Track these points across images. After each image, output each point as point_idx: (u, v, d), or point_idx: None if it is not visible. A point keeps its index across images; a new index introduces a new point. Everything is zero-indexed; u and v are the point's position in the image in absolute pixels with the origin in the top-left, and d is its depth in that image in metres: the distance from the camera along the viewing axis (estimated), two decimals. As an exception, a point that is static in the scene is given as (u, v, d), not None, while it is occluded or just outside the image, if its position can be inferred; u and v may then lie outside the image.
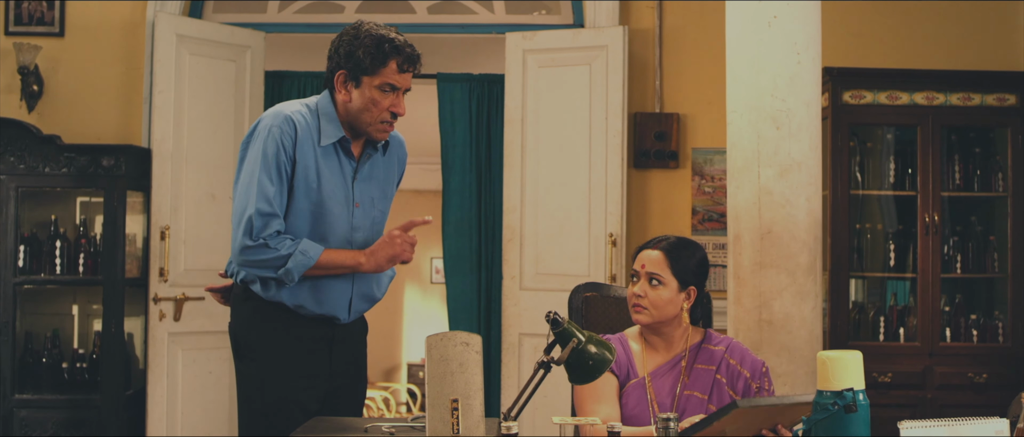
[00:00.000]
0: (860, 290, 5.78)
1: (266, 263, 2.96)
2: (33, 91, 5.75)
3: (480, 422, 2.27)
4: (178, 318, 5.62)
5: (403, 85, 3.06)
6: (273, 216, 2.96)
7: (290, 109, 3.05)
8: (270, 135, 2.99)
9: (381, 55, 3.01)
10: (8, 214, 5.43)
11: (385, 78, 3.02)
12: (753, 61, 4.38)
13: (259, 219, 2.94)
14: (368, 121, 3.06)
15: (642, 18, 5.93)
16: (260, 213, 2.94)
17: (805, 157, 4.37)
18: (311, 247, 2.98)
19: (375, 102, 3.03)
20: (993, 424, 2.20)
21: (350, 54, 3.03)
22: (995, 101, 5.56)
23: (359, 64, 3.02)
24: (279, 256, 2.95)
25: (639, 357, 3.03)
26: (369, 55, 3.00)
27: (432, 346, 2.29)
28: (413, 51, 3.06)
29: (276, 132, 2.99)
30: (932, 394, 5.43)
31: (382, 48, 3.01)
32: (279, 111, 3.05)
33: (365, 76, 3.02)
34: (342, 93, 3.06)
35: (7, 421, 5.39)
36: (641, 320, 3.00)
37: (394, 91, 3.04)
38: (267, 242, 2.94)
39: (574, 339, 2.63)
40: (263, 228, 2.94)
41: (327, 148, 3.05)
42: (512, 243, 5.82)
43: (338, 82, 3.06)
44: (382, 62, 3.01)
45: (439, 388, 2.28)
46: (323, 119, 3.06)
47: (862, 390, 2.30)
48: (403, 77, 3.05)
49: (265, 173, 2.96)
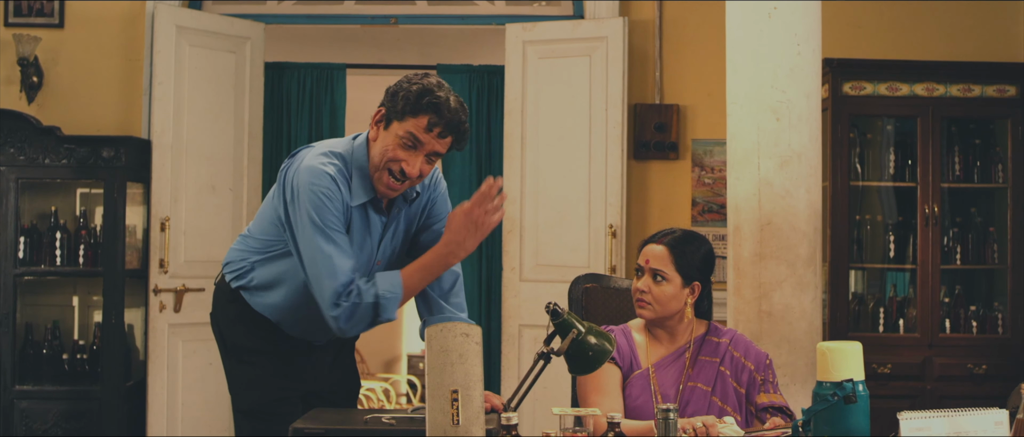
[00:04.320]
0: (860, 281, 5.78)
1: (362, 320, 2.81)
2: (33, 82, 5.75)
3: (480, 413, 2.28)
4: (178, 309, 5.62)
5: (428, 146, 2.80)
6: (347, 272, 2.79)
7: (330, 166, 2.83)
8: (316, 197, 2.78)
9: (416, 105, 2.78)
10: (8, 205, 5.43)
11: (409, 128, 2.78)
12: (753, 52, 4.37)
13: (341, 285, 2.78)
14: (374, 168, 2.84)
15: (642, 9, 5.92)
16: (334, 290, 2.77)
17: (805, 148, 4.37)
18: (389, 281, 2.81)
19: (388, 150, 2.80)
20: (992, 415, 2.21)
21: (394, 95, 2.82)
22: (995, 92, 5.55)
23: (395, 106, 2.81)
24: (366, 306, 2.78)
25: (643, 349, 3.03)
26: (407, 101, 2.78)
27: (432, 337, 2.29)
28: (455, 119, 2.79)
29: (331, 191, 2.79)
30: (932, 385, 5.44)
31: (421, 99, 2.78)
32: (317, 168, 2.81)
33: (395, 120, 2.81)
34: (372, 130, 2.87)
35: (8, 412, 5.40)
36: (645, 315, 3.00)
37: (415, 148, 2.80)
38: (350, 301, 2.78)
39: (574, 330, 2.63)
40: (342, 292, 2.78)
41: (357, 207, 2.88)
42: (512, 234, 5.82)
43: (374, 119, 2.87)
44: (414, 112, 2.78)
45: (439, 379, 2.28)
46: (356, 175, 2.86)
47: (862, 381, 2.31)
48: (430, 137, 2.79)
49: (325, 240, 2.78)
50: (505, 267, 5.85)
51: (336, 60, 6.63)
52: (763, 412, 2.98)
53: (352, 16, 6.14)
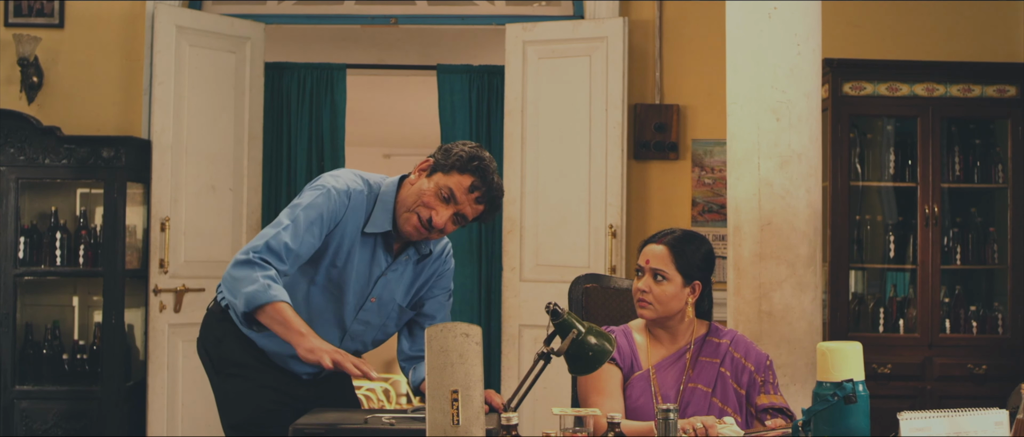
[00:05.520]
0: (860, 281, 5.78)
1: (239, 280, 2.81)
2: (33, 82, 5.75)
3: (480, 413, 2.28)
4: (178, 309, 5.62)
5: (462, 205, 2.91)
6: (278, 259, 2.84)
7: (354, 183, 2.96)
8: (327, 194, 2.91)
9: (466, 165, 2.90)
10: (8, 205, 5.43)
11: (452, 183, 2.89)
12: (753, 52, 4.37)
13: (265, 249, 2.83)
14: (404, 209, 2.94)
15: (642, 9, 5.92)
16: (269, 247, 2.83)
17: (805, 148, 4.37)
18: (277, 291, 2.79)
19: (424, 195, 2.91)
20: (993, 415, 2.21)
21: (448, 151, 2.94)
22: (995, 92, 5.55)
23: (445, 160, 2.92)
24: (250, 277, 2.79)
25: (643, 349, 3.03)
26: (459, 159, 2.90)
27: (432, 337, 2.30)
28: (496, 192, 2.93)
29: (334, 194, 2.91)
30: (932, 385, 5.44)
31: (472, 162, 2.90)
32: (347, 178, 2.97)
33: (440, 172, 2.92)
34: (415, 174, 2.97)
35: (8, 412, 5.40)
36: (646, 315, 3.00)
37: (448, 203, 2.90)
38: (260, 263, 2.82)
39: (574, 330, 2.64)
40: (264, 252, 2.83)
41: (367, 237, 2.95)
42: (512, 234, 5.82)
43: (419, 166, 2.98)
44: (462, 169, 2.90)
45: (439, 379, 2.28)
46: (378, 206, 2.96)
47: (862, 381, 2.31)
48: (468, 198, 2.90)
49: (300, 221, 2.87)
50: (505, 267, 5.85)
51: (336, 60, 6.63)
52: (763, 413, 2.98)
53: (352, 16, 6.14)
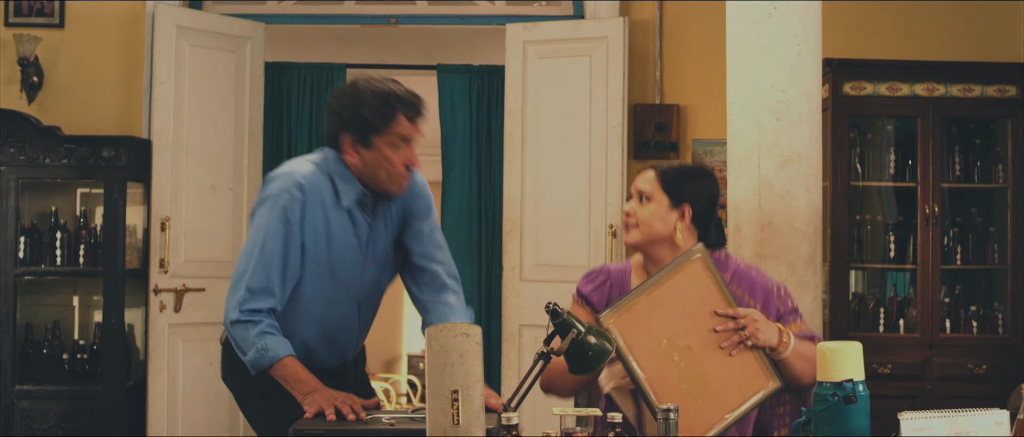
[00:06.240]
0: (860, 281, 5.78)
1: (238, 342, 2.85)
2: (33, 82, 5.75)
3: (480, 413, 2.27)
4: (178, 309, 5.62)
5: (414, 136, 2.91)
6: (265, 293, 2.84)
7: (300, 172, 2.91)
8: (277, 203, 2.86)
9: (389, 111, 2.85)
10: (8, 205, 5.43)
11: (396, 133, 2.87)
12: (753, 52, 4.37)
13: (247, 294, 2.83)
14: (385, 179, 2.91)
15: (642, 9, 5.92)
16: (250, 290, 2.83)
17: (805, 148, 4.36)
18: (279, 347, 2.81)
19: (389, 159, 2.88)
20: (993, 415, 2.20)
21: (355, 114, 2.86)
22: (995, 92, 5.55)
23: (366, 124, 2.85)
24: (247, 339, 2.82)
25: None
26: (377, 113, 2.85)
27: (432, 337, 2.29)
28: (418, 99, 2.91)
29: (284, 198, 2.85)
30: (932, 385, 5.44)
31: (388, 103, 2.85)
32: (289, 174, 2.91)
33: (375, 136, 2.86)
34: (351, 155, 2.90)
35: (8, 412, 5.40)
36: (631, 239, 2.92)
37: (406, 142, 2.89)
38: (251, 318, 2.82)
39: (574, 330, 2.63)
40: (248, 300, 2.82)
41: (340, 209, 2.92)
42: (512, 234, 5.82)
43: (345, 145, 2.90)
44: (391, 118, 2.85)
45: (439, 379, 2.28)
46: (338, 180, 2.92)
47: (862, 381, 2.31)
48: (413, 127, 2.90)
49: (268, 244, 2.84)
50: (505, 267, 5.85)
51: (336, 60, 6.63)
52: None
53: (352, 16, 6.13)
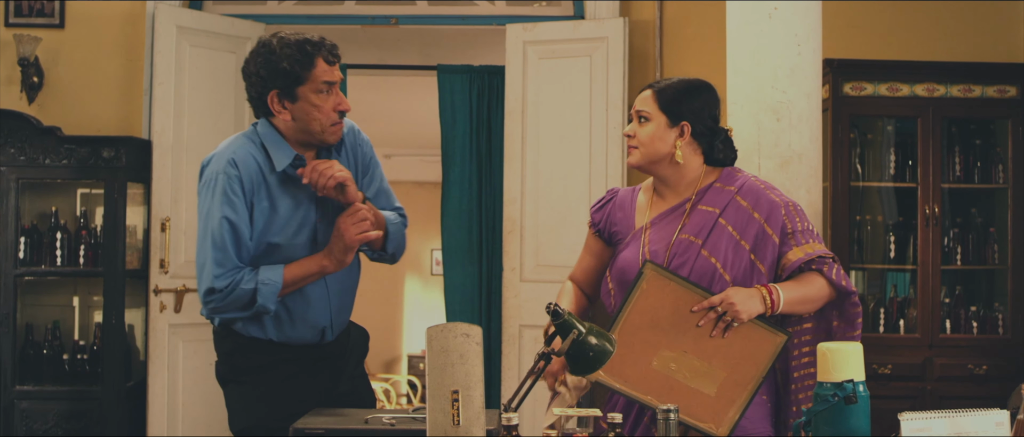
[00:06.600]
0: (860, 282, 5.78)
1: (234, 304, 2.87)
2: (33, 83, 5.75)
3: (480, 413, 2.27)
4: (179, 309, 5.62)
5: (336, 79, 2.92)
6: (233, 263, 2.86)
7: (232, 149, 2.92)
8: (217, 184, 2.87)
9: (307, 58, 2.86)
10: (9, 205, 5.43)
11: (319, 79, 2.88)
12: (754, 53, 4.37)
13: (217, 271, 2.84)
14: (318, 129, 2.92)
15: (642, 10, 5.92)
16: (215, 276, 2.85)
17: (805, 149, 4.36)
18: (271, 272, 2.87)
19: (318, 108, 2.90)
20: (993, 416, 2.20)
21: (274, 70, 2.86)
22: (995, 93, 5.55)
23: (288, 76, 2.86)
24: (245, 292, 2.85)
25: (642, 209, 2.95)
26: (295, 62, 2.86)
27: (433, 337, 2.29)
28: (332, 42, 2.92)
29: (222, 180, 2.86)
30: (932, 386, 5.44)
31: (305, 50, 2.86)
32: (220, 154, 2.92)
33: (299, 87, 2.88)
34: (281, 113, 2.91)
35: (8, 413, 5.40)
36: (632, 160, 2.91)
37: (330, 88, 2.90)
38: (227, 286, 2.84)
39: (574, 330, 2.63)
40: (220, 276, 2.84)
41: (279, 174, 2.92)
42: (512, 234, 5.82)
43: (272, 104, 2.90)
44: (311, 64, 2.87)
45: (439, 379, 2.28)
46: (270, 146, 2.92)
47: (862, 382, 2.31)
48: (333, 71, 2.90)
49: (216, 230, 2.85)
50: (505, 267, 5.85)
51: (336, 60, 6.63)
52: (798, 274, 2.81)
53: (352, 16, 6.14)
